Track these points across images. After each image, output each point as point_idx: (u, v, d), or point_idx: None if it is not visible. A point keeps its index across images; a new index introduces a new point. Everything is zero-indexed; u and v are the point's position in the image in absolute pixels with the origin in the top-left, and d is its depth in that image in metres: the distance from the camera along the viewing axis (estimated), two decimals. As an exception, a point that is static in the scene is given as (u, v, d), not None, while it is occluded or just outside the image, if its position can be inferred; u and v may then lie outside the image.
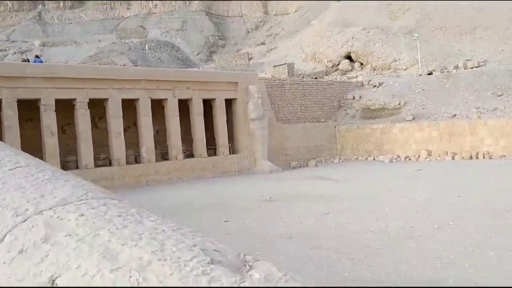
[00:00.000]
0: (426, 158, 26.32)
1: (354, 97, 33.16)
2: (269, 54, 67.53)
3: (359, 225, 10.66)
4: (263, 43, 78.69)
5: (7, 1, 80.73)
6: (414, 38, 39.32)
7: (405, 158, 27.37)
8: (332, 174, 21.99)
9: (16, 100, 19.81)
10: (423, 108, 30.27)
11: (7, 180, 1.42)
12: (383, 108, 31.59)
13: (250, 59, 66.02)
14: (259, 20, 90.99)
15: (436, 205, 12.65)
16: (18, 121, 19.90)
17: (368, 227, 10.42)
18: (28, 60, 23.61)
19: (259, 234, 10.38)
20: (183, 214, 13.40)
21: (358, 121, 31.73)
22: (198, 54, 79.46)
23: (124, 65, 57.28)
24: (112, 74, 23.15)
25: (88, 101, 21.84)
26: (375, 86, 34.44)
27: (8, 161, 1.65)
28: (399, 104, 31.33)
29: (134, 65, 58.53)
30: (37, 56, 24.93)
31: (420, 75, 36.48)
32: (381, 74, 41.63)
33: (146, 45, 68.83)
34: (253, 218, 12.14)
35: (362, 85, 34.99)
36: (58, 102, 21.26)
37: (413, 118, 29.26)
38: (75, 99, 21.60)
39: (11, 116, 19.59)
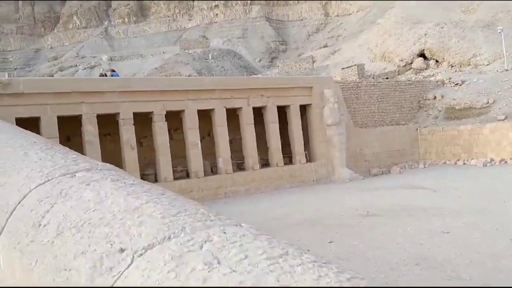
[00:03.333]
0: (526, 161, 23.91)
1: (435, 97, 30.99)
2: (333, 57, 65.83)
3: (494, 247, 9.13)
4: (325, 46, 77.04)
5: (75, 19, 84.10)
6: (499, 31, 36.43)
7: (500, 161, 25.01)
8: (424, 182, 20.25)
9: (95, 115, 19.66)
10: (515, 106, 27.70)
11: None
12: (470, 108, 29.24)
13: (313, 62, 64.65)
14: (320, 22, 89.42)
15: None
16: (98, 136, 19.72)
17: (508, 249, 8.87)
18: (105, 75, 23.65)
19: (375, 260, 9.10)
20: (278, 232, 12.34)
21: (441, 122, 29.56)
22: (260, 60, 79.07)
23: (189, 75, 57.69)
24: (187, 85, 22.68)
25: (165, 113, 21.42)
26: (457, 84, 32.09)
27: None
28: (488, 102, 28.88)
29: (199, 75, 58.87)
30: (113, 70, 24.96)
31: (506, 70, 33.67)
32: (461, 71, 38.96)
33: (210, 55, 69.19)
34: (360, 238, 10.86)
35: (443, 83, 32.73)
36: (134, 115, 20.97)
37: (506, 117, 26.78)
38: (152, 112, 21.24)
39: (92, 131, 19.45)
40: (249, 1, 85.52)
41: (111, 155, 21.19)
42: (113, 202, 1.24)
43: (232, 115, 24.28)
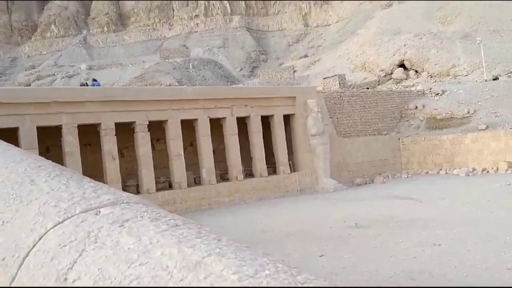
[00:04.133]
0: (507, 170, 24.13)
1: (416, 107, 31.25)
2: (313, 67, 66.19)
3: (488, 260, 9.03)
4: (305, 56, 77.45)
5: (53, 27, 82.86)
6: (478, 42, 37.06)
7: (482, 171, 25.24)
8: (408, 192, 20.25)
9: (76, 125, 19.17)
10: (495, 116, 28.07)
11: None
12: (451, 118, 29.54)
13: (294, 72, 64.86)
14: (300, 33, 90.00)
15: None
16: (79, 147, 19.22)
17: (502, 262, 8.78)
18: (86, 84, 23.12)
19: (369, 274, 8.92)
20: (264, 245, 12.08)
21: (423, 132, 29.79)
22: (240, 70, 79.02)
23: (170, 85, 57.16)
24: (170, 95, 22.37)
25: (147, 123, 21.05)
26: (437, 94, 32.43)
27: None
28: (468, 112, 29.23)
29: (179, 84, 58.38)
30: (94, 80, 24.45)
31: (486, 80, 34.20)
32: (440, 81, 39.47)
33: (190, 64, 68.81)
34: (352, 252, 10.68)
35: (423, 93, 33.05)
36: (116, 125, 20.52)
37: (486, 127, 27.12)
38: (134, 122, 20.83)
39: (72, 141, 18.95)
40: (229, 11, 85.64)
41: (92, 166, 20.69)
42: (164, 253, 0.99)
43: (216, 125, 24.02)
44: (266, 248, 11.43)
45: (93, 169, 20.33)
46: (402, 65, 45.17)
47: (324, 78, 45.22)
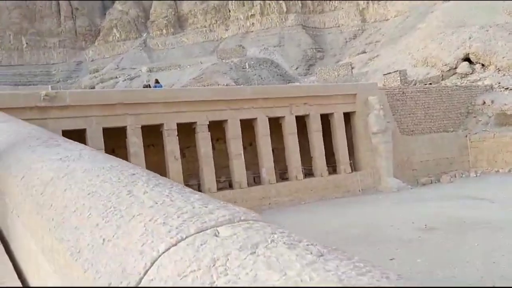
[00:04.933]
0: None
1: (484, 102, 29.68)
2: (372, 63, 64.60)
3: None
4: (363, 52, 75.77)
5: (115, 31, 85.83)
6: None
7: (560, 169, 23.62)
8: (478, 191, 19.19)
9: (140, 126, 19.59)
10: None
11: None
12: (523, 113, 27.85)
13: (352, 68, 63.51)
14: (357, 28, 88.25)
15: None
16: (143, 147, 19.64)
17: None
18: (149, 86, 23.62)
19: (446, 280, 8.39)
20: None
21: (492, 128, 28.24)
22: (297, 68, 78.54)
23: (227, 85, 57.65)
24: (229, 94, 22.42)
25: (208, 123, 21.20)
26: (507, 88, 30.70)
27: None
28: (542, 107, 27.44)
29: (236, 84, 58.68)
30: (157, 81, 24.93)
31: (560, 73, 32.02)
32: (509, 75, 37.28)
33: (246, 64, 69.10)
34: (424, 256, 10.15)
35: (492, 88, 31.37)
36: (177, 126, 20.80)
37: None
38: (195, 122, 21.03)
39: (136, 142, 19.39)
40: (285, 9, 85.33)
41: (155, 166, 21.06)
42: (323, 296, 0.77)
43: (275, 124, 23.84)
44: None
45: (156, 169, 20.63)
46: (467, 59, 43.10)
47: (384, 74, 43.97)
